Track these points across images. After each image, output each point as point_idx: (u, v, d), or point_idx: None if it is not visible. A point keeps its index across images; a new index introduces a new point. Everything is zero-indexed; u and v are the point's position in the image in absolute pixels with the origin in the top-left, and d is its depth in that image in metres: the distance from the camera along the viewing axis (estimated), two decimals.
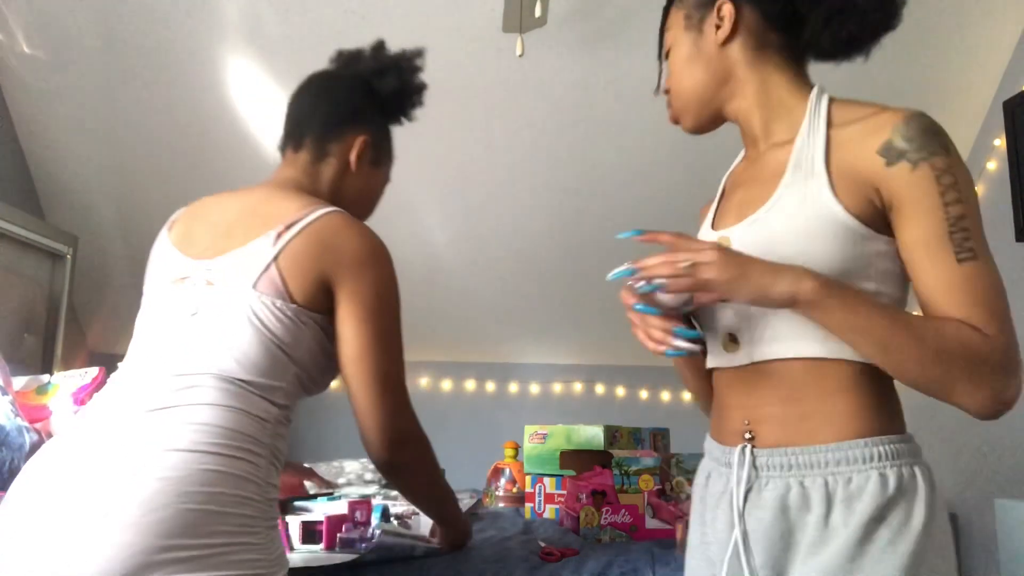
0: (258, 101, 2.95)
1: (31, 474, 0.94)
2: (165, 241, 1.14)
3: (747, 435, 0.92)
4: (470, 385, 3.81)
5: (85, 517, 0.85)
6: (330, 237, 1.05)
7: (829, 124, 0.91)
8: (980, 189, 2.95)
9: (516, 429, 2.38)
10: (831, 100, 0.94)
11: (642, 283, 0.91)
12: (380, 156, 1.28)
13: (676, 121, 1.10)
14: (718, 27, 1.00)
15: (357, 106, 1.24)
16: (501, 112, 3.00)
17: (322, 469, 1.88)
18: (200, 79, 2.93)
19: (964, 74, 2.82)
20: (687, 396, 3.80)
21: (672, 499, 1.64)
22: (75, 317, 3.47)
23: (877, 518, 0.81)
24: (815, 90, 0.96)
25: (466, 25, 2.72)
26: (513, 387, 3.82)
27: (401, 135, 1.38)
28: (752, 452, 0.90)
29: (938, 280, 0.81)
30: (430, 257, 3.46)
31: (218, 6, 2.70)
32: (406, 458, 1.11)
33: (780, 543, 0.85)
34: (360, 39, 1.33)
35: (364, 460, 1.89)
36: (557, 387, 3.83)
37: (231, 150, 3.10)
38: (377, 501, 1.52)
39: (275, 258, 1.02)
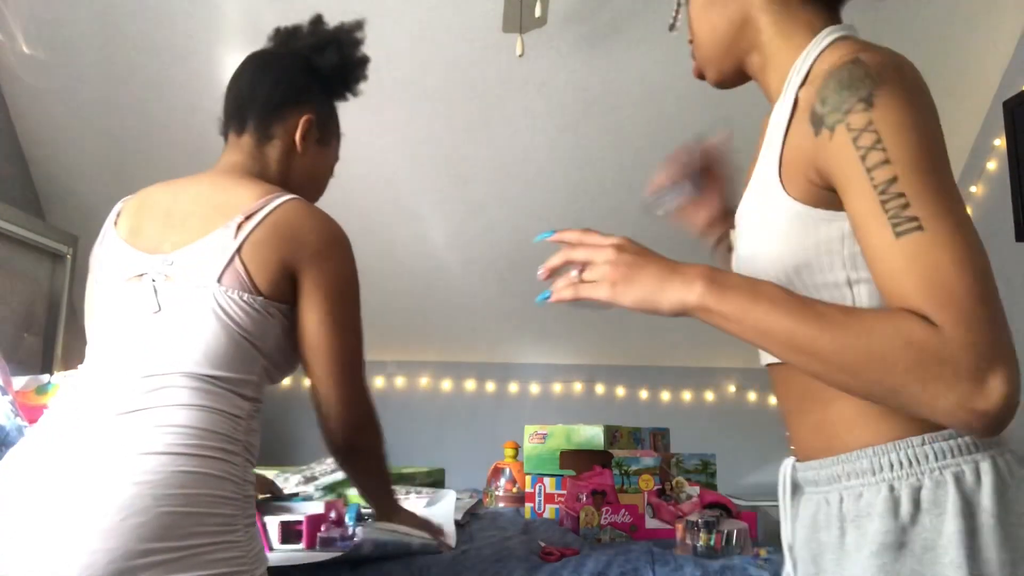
0: None
1: (2, 480, 0.92)
2: (112, 235, 1.09)
3: (791, 446, 0.82)
4: (470, 385, 3.81)
5: (61, 524, 0.84)
6: (292, 226, 1.03)
7: (804, 80, 0.76)
8: (980, 189, 2.95)
9: (516, 429, 2.38)
10: (831, 44, 0.76)
11: (541, 276, 0.84)
12: (326, 134, 1.24)
13: (700, 75, 0.95)
14: None
15: (298, 84, 1.19)
16: (501, 112, 3.00)
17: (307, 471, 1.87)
18: (200, 79, 2.93)
19: (964, 74, 2.82)
20: (687, 396, 3.81)
21: (672, 499, 1.64)
22: (75, 317, 3.47)
23: (895, 544, 0.67)
24: (821, 32, 0.79)
25: (466, 25, 2.72)
26: (513, 387, 3.82)
27: (401, 135, 1.38)
28: (794, 466, 0.83)
29: (879, 264, 0.65)
30: (430, 257, 3.46)
31: (218, 6, 2.70)
32: (364, 442, 1.14)
33: (813, 567, 0.76)
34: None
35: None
36: (557, 387, 3.83)
37: None
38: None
39: (238, 250, 0.99)
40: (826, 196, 0.72)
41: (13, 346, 2.70)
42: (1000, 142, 2.81)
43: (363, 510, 1.49)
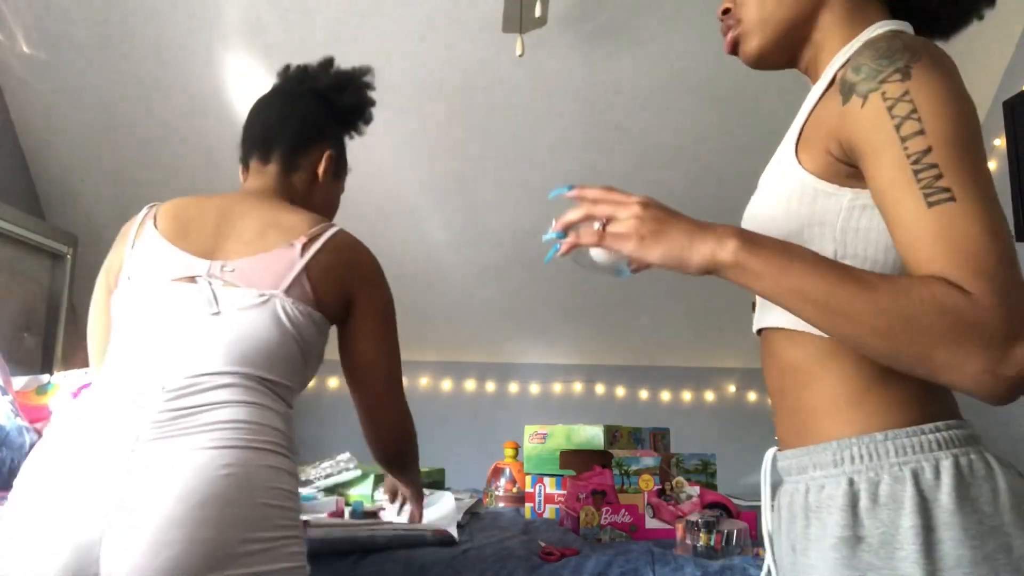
0: None
1: (51, 474, 0.91)
2: (153, 236, 1.10)
3: (776, 436, 0.83)
4: (470, 385, 3.81)
5: (150, 515, 0.84)
6: (349, 254, 1.13)
7: (845, 63, 0.76)
8: None
9: (516, 429, 2.38)
10: (878, 34, 0.76)
11: (552, 234, 0.81)
12: (340, 168, 1.34)
13: (734, 45, 0.90)
14: None
15: (322, 122, 1.28)
16: (501, 112, 3.00)
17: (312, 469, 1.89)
18: (200, 79, 2.93)
19: (964, 74, 2.81)
20: (687, 396, 3.81)
21: (672, 499, 1.64)
22: (75, 317, 3.47)
23: (853, 538, 0.68)
24: (874, 24, 0.79)
25: (466, 25, 2.72)
26: (513, 387, 3.82)
27: (401, 135, 1.39)
28: (775, 456, 0.84)
29: (907, 232, 0.65)
30: (430, 257, 3.46)
31: (218, 6, 2.70)
32: (411, 449, 1.28)
33: (792, 555, 0.77)
34: (360, 39, 1.34)
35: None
36: (557, 387, 3.84)
37: (231, 149, 3.09)
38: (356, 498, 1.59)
39: (305, 268, 1.06)
40: (838, 169, 0.72)
41: (13, 346, 2.70)
42: (1000, 142, 2.81)
43: (366, 508, 1.54)
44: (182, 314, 1.03)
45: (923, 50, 0.69)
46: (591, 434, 1.97)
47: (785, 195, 0.76)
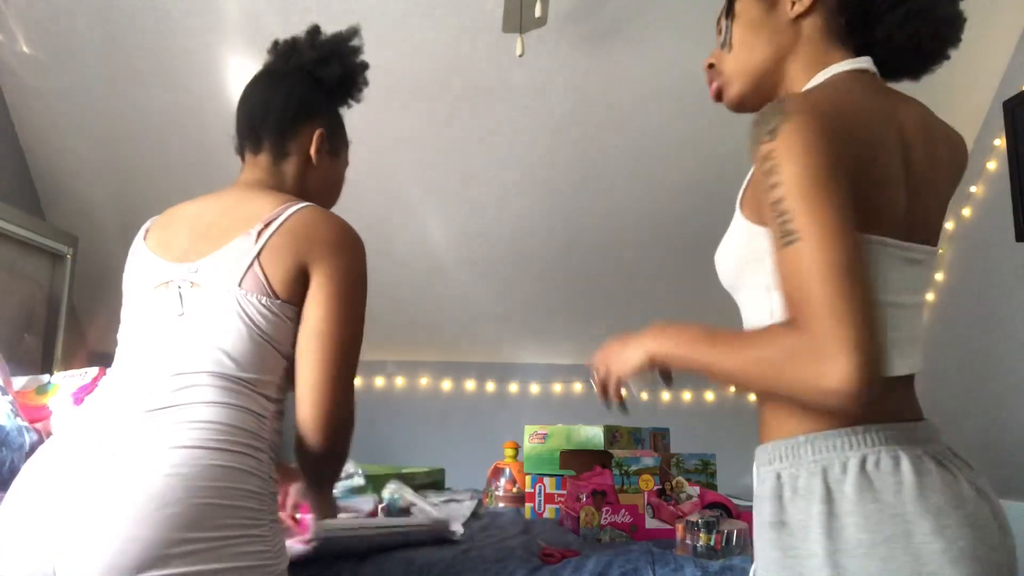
0: None
1: (33, 475, 0.95)
2: (142, 248, 1.14)
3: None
4: (470, 385, 3.81)
5: (95, 515, 0.87)
6: (307, 227, 1.07)
7: None
8: (980, 189, 2.95)
9: (516, 429, 2.38)
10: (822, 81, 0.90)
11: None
12: (336, 144, 1.29)
13: (718, 93, 1.04)
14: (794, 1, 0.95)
15: (307, 100, 1.23)
16: (501, 112, 3.00)
17: None
18: (200, 79, 2.93)
19: (964, 74, 2.82)
20: (687, 396, 3.81)
21: (672, 499, 1.64)
22: (75, 317, 3.47)
23: (779, 523, 0.80)
24: (829, 67, 0.91)
25: (466, 25, 2.72)
26: (513, 387, 3.82)
27: (401, 135, 1.38)
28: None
29: (775, 273, 0.78)
30: (430, 257, 3.46)
31: (218, 6, 2.70)
32: (341, 448, 1.10)
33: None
34: (360, 39, 1.34)
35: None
36: (557, 387, 3.84)
37: (231, 149, 3.10)
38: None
39: (257, 255, 1.04)
40: (765, 214, 0.82)
41: (13, 346, 2.70)
42: (1000, 142, 2.81)
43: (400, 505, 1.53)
44: (155, 320, 1.06)
45: (796, 109, 0.78)
46: (591, 434, 1.97)
47: (732, 237, 0.91)
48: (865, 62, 0.91)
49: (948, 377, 3.15)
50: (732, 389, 3.74)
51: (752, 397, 3.66)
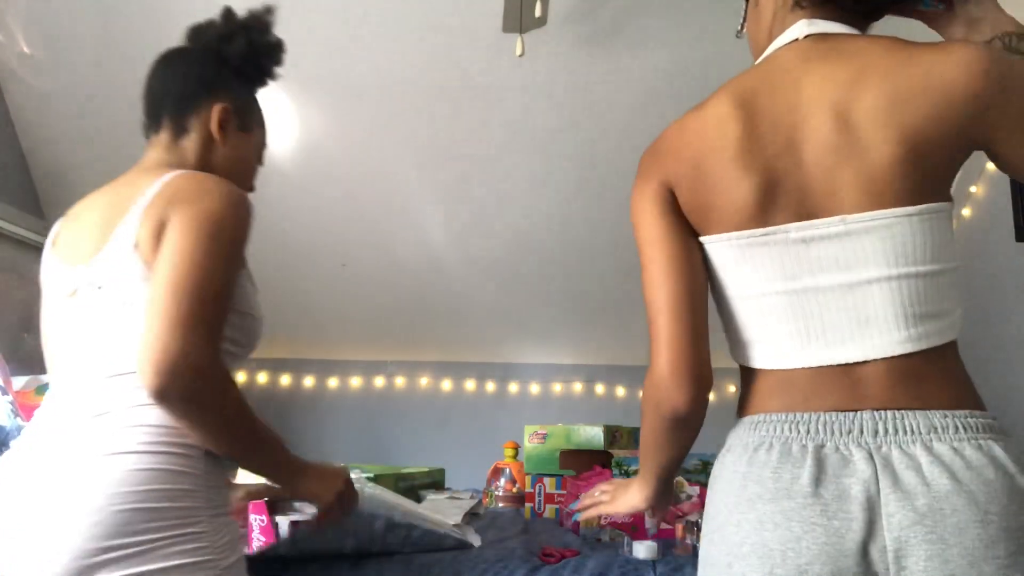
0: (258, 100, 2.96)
1: None
2: (49, 255, 1.12)
3: None
4: (470, 385, 3.81)
5: (24, 528, 0.89)
6: (171, 191, 1.01)
7: None
8: (980, 189, 2.95)
9: (516, 429, 2.38)
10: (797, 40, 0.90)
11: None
12: (247, 121, 1.24)
13: None
14: None
15: (208, 75, 1.19)
16: (501, 112, 3.00)
17: None
18: None
19: None
20: None
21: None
22: None
23: (713, 478, 0.94)
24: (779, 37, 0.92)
25: (466, 25, 2.72)
26: (513, 387, 3.82)
27: (401, 135, 1.38)
28: None
29: None
30: (430, 257, 3.46)
31: (218, 7, 2.69)
32: (184, 388, 0.90)
33: None
34: (360, 39, 1.33)
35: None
36: (557, 387, 3.83)
37: None
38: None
39: (133, 244, 0.99)
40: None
41: (13, 346, 2.70)
42: None
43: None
44: (74, 328, 1.04)
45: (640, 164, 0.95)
46: (591, 434, 1.97)
47: None
48: (795, 31, 0.90)
49: None
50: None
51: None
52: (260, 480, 1.45)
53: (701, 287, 0.90)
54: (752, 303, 0.87)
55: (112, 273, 1.01)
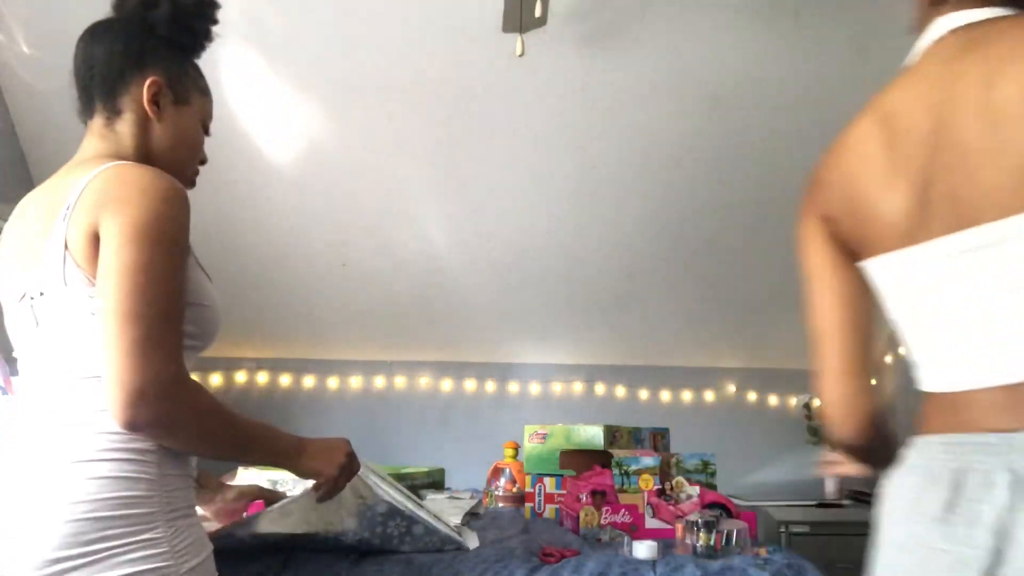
0: (258, 100, 2.95)
1: None
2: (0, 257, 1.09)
3: None
4: (470, 385, 3.80)
5: None
6: (101, 190, 0.94)
7: None
8: None
9: (516, 429, 2.38)
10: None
11: None
12: (183, 92, 1.14)
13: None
14: None
15: (134, 49, 1.09)
16: (501, 112, 3.00)
17: None
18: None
19: None
20: (687, 396, 3.80)
21: (672, 499, 1.64)
22: None
23: None
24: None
25: (466, 25, 2.72)
26: (513, 387, 3.82)
27: (401, 135, 1.37)
28: None
29: None
30: (430, 257, 3.46)
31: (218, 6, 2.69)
32: (154, 417, 0.89)
33: None
34: (360, 39, 1.32)
35: None
36: (557, 387, 3.83)
37: (231, 149, 3.10)
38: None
39: (65, 243, 0.94)
40: None
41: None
42: None
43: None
44: (29, 333, 1.01)
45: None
46: (591, 434, 1.97)
47: None
48: (938, 27, 0.83)
49: None
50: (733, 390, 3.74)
51: (752, 397, 3.66)
52: (252, 480, 1.45)
53: (865, 318, 0.90)
54: (915, 322, 0.84)
55: (51, 279, 0.97)
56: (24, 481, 0.92)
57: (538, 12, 2.41)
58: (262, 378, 3.75)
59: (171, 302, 0.92)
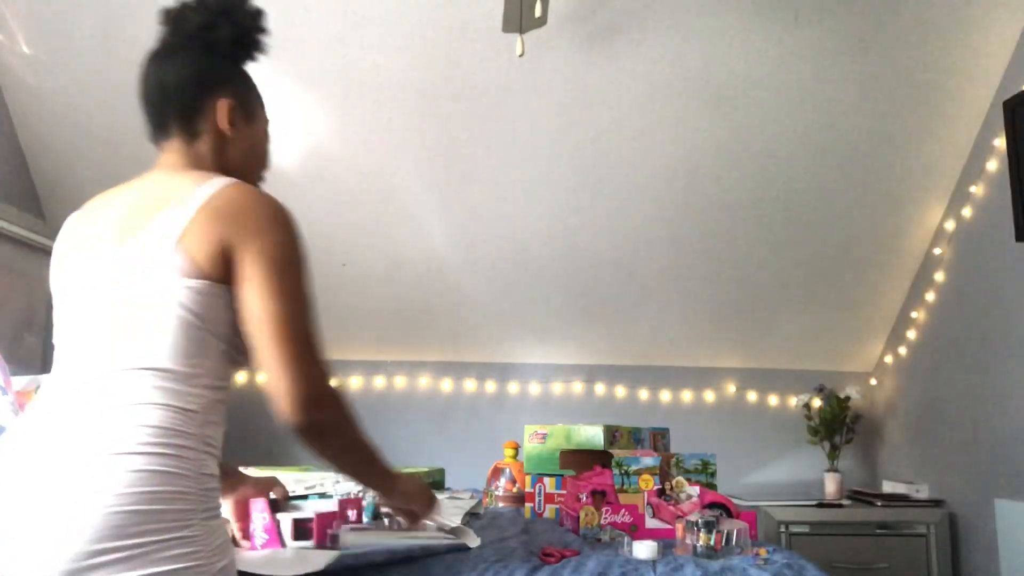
0: None
1: None
2: (65, 244, 1.11)
3: None
4: (470, 385, 3.80)
5: (13, 528, 0.87)
6: (229, 206, 1.02)
7: None
8: (980, 189, 2.95)
9: (516, 429, 2.38)
10: None
11: None
12: (250, 108, 1.21)
13: None
14: None
15: (205, 72, 1.15)
16: (501, 112, 3.00)
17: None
18: None
19: (964, 74, 2.81)
20: (687, 396, 3.81)
21: (672, 499, 1.64)
22: None
23: None
24: None
25: (466, 25, 2.72)
26: (513, 387, 3.82)
27: (401, 135, 1.37)
28: None
29: None
30: (430, 257, 3.46)
31: None
32: (323, 419, 1.05)
33: None
34: (361, 39, 1.33)
35: None
36: (557, 387, 3.83)
37: None
38: (367, 499, 1.54)
39: (178, 238, 0.99)
40: None
41: (13, 346, 2.70)
42: (1000, 142, 2.81)
43: (382, 510, 1.49)
44: (86, 318, 1.03)
45: None
46: (591, 434, 1.97)
47: None
48: None
49: (948, 377, 3.15)
50: (732, 390, 3.73)
51: (752, 397, 3.67)
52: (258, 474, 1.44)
53: None
54: None
55: (147, 260, 1.00)
56: (65, 470, 0.90)
57: (538, 12, 2.41)
58: (262, 378, 3.74)
59: (313, 320, 1.06)
